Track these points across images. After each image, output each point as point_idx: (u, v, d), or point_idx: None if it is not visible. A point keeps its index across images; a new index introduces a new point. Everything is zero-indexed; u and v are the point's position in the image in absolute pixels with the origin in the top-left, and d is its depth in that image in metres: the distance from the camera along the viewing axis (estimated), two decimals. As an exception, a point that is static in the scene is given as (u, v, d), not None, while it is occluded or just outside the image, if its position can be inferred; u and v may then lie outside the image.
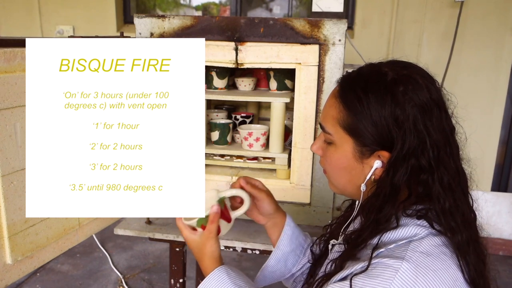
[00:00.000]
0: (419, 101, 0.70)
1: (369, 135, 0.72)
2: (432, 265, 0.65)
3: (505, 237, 3.05)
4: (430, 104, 0.71)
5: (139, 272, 2.64)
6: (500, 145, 3.06)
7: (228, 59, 1.32)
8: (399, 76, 0.73)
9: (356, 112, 0.73)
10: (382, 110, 0.70)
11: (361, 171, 0.76)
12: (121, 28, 3.16)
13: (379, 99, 0.71)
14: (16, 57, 0.89)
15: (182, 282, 1.54)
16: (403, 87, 0.71)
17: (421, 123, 0.70)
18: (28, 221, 0.95)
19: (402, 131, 0.69)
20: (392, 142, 0.71)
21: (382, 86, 0.72)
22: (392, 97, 0.70)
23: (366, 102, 0.72)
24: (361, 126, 0.72)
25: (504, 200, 3.07)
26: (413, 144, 0.69)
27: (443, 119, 0.72)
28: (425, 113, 0.70)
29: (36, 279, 2.53)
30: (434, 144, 0.70)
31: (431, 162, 0.70)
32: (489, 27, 2.79)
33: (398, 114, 0.70)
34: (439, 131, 0.71)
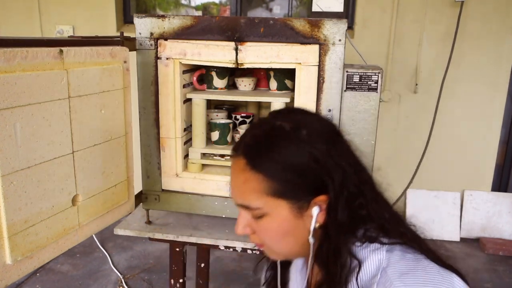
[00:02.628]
0: (324, 136, 0.72)
1: (298, 187, 0.70)
2: (421, 278, 0.65)
3: (505, 237, 3.05)
4: (332, 134, 0.74)
5: (139, 272, 2.64)
6: (501, 145, 3.06)
7: (228, 59, 1.32)
8: (294, 122, 0.72)
9: (276, 173, 0.70)
10: (299, 158, 0.69)
11: (304, 226, 0.72)
12: (121, 28, 3.16)
13: (292, 151, 0.70)
14: (16, 57, 0.89)
15: (182, 282, 1.54)
16: (305, 129, 0.71)
17: (336, 155, 0.71)
18: (28, 221, 0.95)
19: (326, 169, 0.69)
20: (323, 184, 0.70)
21: (286, 137, 0.71)
22: (302, 142, 0.70)
23: (281, 158, 0.69)
24: (287, 184, 0.70)
25: (504, 200, 3.07)
26: (339, 177, 0.70)
27: (344, 141, 0.76)
28: (333, 144, 0.72)
29: (36, 279, 2.53)
30: (352, 168, 0.72)
31: (358, 186, 0.72)
32: (489, 27, 2.79)
33: (315, 155, 0.69)
34: (348, 154, 0.74)
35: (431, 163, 2.89)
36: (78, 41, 1.12)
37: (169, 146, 1.41)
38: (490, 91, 2.91)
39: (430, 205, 3.06)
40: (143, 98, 1.38)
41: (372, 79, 1.29)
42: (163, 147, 1.42)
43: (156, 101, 1.38)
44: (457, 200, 3.08)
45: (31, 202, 0.96)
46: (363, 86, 1.29)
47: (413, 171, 2.61)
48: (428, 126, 2.71)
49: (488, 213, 3.07)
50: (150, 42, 1.34)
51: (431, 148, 2.71)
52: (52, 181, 1.01)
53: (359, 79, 1.29)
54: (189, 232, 1.44)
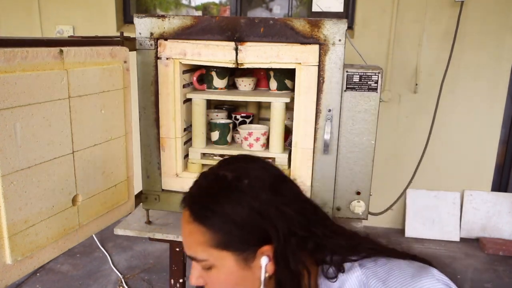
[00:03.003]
0: (266, 184, 0.71)
1: (242, 239, 0.70)
2: (401, 276, 0.66)
3: (505, 237, 3.05)
4: (276, 181, 0.73)
5: (139, 272, 2.64)
6: (501, 145, 3.06)
7: (228, 59, 1.32)
8: (237, 172, 0.73)
9: (218, 225, 0.69)
10: (241, 210, 0.69)
11: (253, 276, 0.72)
12: (121, 28, 3.16)
13: (233, 202, 0.69)
14: (16, 57, 0.89)
15: (182, 282, 1.54)
16: (247, 179, 0.71)
17: (280, 203, 0.70)
18: (28, 221, 0.95)
19: (269, 219, 0.69)
20: (267, 234, 0.69)
21: (228, 189, 0.71)
22: (243, 193, 0.70)
23: (223, 211, 0.69)
24: (230, 236, 0.69)
25: (504, 200, 3.07)
26: (285, 226, 0.69)
27: (290, 187, 0.75)
28: (277, 192, 0.71)
29: (36, 279, 2.53)
30: (300, 213, 0.72)
31: (308, 228, 0.71)
32: (489, 27, 2.79)
33: (257, 206, 0.69)
34: (295, 199, 0.74)
35: (431, 163, 2.89)
36: (78, 41, 1.12)
37: (169, 146, 1.41)
38: (490, 91, 2.91)
39: (430, 205, 3.06)
40: (143, 98, 1.38)
41: (372, 79, 1.29)
42: (163, 147, 1.42)
43: (156, 101, 1.38)
44: (457, 200, 3.08)
45: (31, 202, 0.96)
46: (363, 86, 1.29)
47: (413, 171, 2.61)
48: (428, 126, 2.71)
49: (488, 213, 3.07)
50: (150, 42, 1.34)
51: (431, 148, 2.71)
52: (52, 181, 1.01)
53: (359, 79, 1.29)
54: (189, 232, 1.44)
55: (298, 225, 0.71)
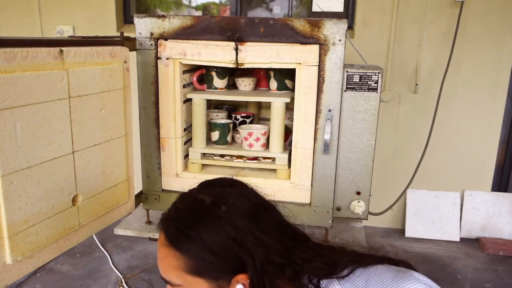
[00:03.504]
0: (244, 212, 0.69)
1: (217, 267, 0.68)
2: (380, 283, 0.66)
3: (505, 237, 3.04)
4: (255, 208, 0.71)
5: (139, 272, 2.64)
6: (501, 145, 3.05)
7: (228, 59, 1.32)
8: (215, 197, 0.70)
9: (193, 251, 0.68)
10: (217, 237, 0.67)
11: None
12: (121, 28, 3.16)
13: (208, 228, 0.67)
14: (16, 57, 0.89)
15: (182, 282, 1.54)
16: (224, 205, 0.69)
17: (257, 231, 0.68)
18: (28, 221, 0.95)
19: (246, 248, 0.67)
20: (242, 262, 0.67)
21: (204, 214, 0.69)
22: (219, 220, 0.67)
23: (198, 237, 0.67)
24: (205, 263, 0.67)
25: (504, 200, 3.07)
26: (262, 254, 0.67)
27: (270, 214, 0.72)
28: (255, 219, 0.69)
29: (36, 279, 2.53)
30: (277, 240, 0.69)
31: (285, 256, 0.69)
32: (489, 27, 2.79)
33: (233, 234, 0.67)
34: (274, 226, 0.71)
35: (431, 163, 2.89)
36: (78, 41, 1.12)
37: (169, 146, 1.41)
38: (490, 91, 2.91)
39: (430, 205, 3.06)
40: (143, 98, 1.38)
41: (372, 79, 1.29)
42: (163, 147, 1.42)
43: (156, 101, 1.38)
44: (457, 200, 3.08)
45: (31, 202, 0.96)
46: (363, 86, 1.29)
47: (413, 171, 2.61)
48: (428, 126, 2.71)
49: (488, 213, 3.07)
50: (150, 42, 1.34)
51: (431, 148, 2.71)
52: (52, 181, 1.01)
53: (359, 79, 1.29)
54: (189, 232, 1.44)
55: (276, 252, 0.69)
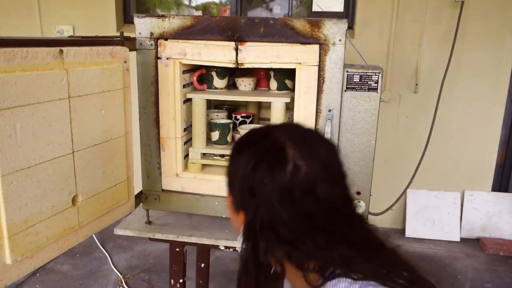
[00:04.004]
0: (281, 181, 0.65)
1: (236, 194, 0.71)
2: None
3: (505, 237, 3.04)
4: (291, 187, 0.65)
5: (139, 272, 2.64)
6: (501, 145, 3.06)
7: (228, 59, 1.32)
8: (275, 148, 0.67)
9: (231, 168, 0.73)
10: (244, 173, 0.68)
11: (238, 223, 0.73)
12: (121, 28, 3.15)
13: (246, 163, 0.68)
14: (16, 57, 0.89)
15: (182, 282, 1.54)
16: (275, 159, 0.66)
17: (273, 201, 0.65)
18: (28, 221, 0.95)
19: (255, 202, 0.66)
20: (246, 208, 0.69)
21: (255, 151, 0.68)
22: (257, 166, 0.66)
23: (237, 161, 0.70)
24: (232, 183, 0.72)
25: (504, 200, 3.07)
26: (266, 218, 0.65)
27: (309, 202, 0.65)
28: (286, 195, 0.65)
29: (36, 279, 2.53)
30: (291, 220, 0.65)
31: (298, 235, 0.65)
32: (489, 27, 2.79)
33: (253, 183, 0.66)
34: (302, 212, 0.65)
35: (431, 163, 2.89)
36: (78, 41, 1.12)
37: (169, 146, 1.41)
38: (490, 91, 2.91)
39: (430, 205, 3.06)
40: (143, 98, 1.38)
41: (372, 79, 1.29)
42: (163, 147, 1.42)
43: (156, 101, 1.38)
44: (457, 200, 3.08)
45: (31, 202, 0.96)
46: (363, 86, 1.29)
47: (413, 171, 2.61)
48: (428, 126, 2.71)
49: (488, 213, 3.07)
50: (150, 42, 1.34)
51: (431, 148, 2.71)
52: (52, 181, 1.01)
53: (359, 79, 1.29)
54: (189, 232, 1.44)
55: (284, 226, 0.65)
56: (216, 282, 2.53)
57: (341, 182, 0.69)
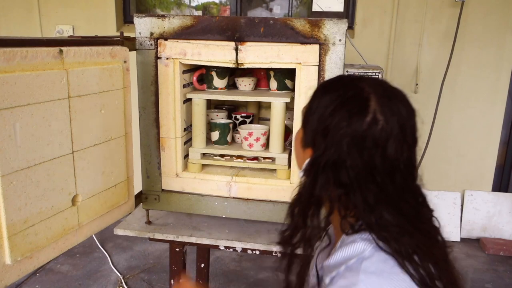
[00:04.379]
0: (356, 128, 0.67)
1: (309, 131, 0.75)
2: (385, 286, 0.64)
3: (505, 237, 3.04)
4: (364, 137, 0.67)
5: (139, 273, 2.64)
6: (501, 145, 3.05)
7: (228, 59, 1.32)
8: (359, 98, 0.70)
9: (311, 105, 0.76)
10: (323, 114, 0.71)
11: (302, 158, 0.78)
12: (121, 28, 3.15)
13: (327, 105, 0.71)
14: (16, 57, 0.89)
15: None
16: (356, 108, 0.69)
17: (344, 145, 0.68)
18: (27, 221, 0.95)
19: (325, 142, 0.70)
20: (316, 146, 0.73)
21: (339, 95, 0.71)
22: (337, 109, 0.69)
23: (319, 101, 0.73)
24: (308, 120, 0.76)
25: (504, 200, 3.07)
26: (331, 158, 0.69)
27: (376, 155, 0.68)
28: (357, 143, 0.67)
29: (35, 280, 2.53)
30: (353, 167, 0.68)
31: (351, 183, 0.68)
32: (489, 27, 2.79)
33: (330, 124, 0.69)
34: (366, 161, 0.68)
35: (431, 163, 2.89)
36: (78, 41, 1.11)
37: (169, 146, 1.41)
38: (491, 91, 2.91)
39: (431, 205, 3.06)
40: (143, 98, 1.38)
41: (373, 79, 1.29)
42: (163, 147, 1.41)
43: (156, 101, 1.38)
44: (457, 200, 3.08)
45: (31, 202, 0.95)
46: (364, 86, 1.29)
47: (413, 171, 2.61)
48: (428, 126, 2.71)
49: (488, 213, 3.07)
50: (150, 42, 1.34)
51: (431, 148, 2.71)
52: (52, 181, 1.01)
53: (359, 79, 1.29)
54: (189, 232, 1.44)
55: (346, 175, 0.68)
56: (216, 282, 2.53)
57: (411, 146, 0.71)
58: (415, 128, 0.73)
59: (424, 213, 0.75)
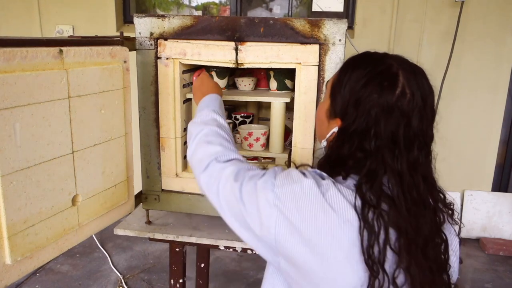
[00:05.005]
0: (387, 100, 0.74)
1: (339, 102, 0.80)
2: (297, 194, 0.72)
3: (505, 237, 3.04)
4: (393, 108, 0.74)
5: (139, 272, 2.64)
6: (501, 145, 3.06)
7: (228, 59, 1.32)
8: (389, 72, 0.76)
9: (342, 78, 0.81)
10: (355, 86, 0.78)
11: (327, 128, 0.85)
12: (121, 28, 3.16)
13: (358, 78, 0.78)
14: (16, 57, 0.89)
15: (182, 282, 1.54)
16: (387, 82, 0.75)
17: (373, 115, 0.75)
18: (27, 221, 0.95)
19: (356, 112, 0.76)
20: (347, 116, 0.79)
21: (370, 70, 0.78)
22: (369, 82, 0.76)
23: (350, 75, 0.79)
24: (338, 92, 0.81)
25: (504, 200, 3.07)
26: (360, 126, 0.76)
27: (401, 124, 0.75)
28: (386, 113, 0.74)
29: (35, 280, 2.53)
30: (379, 136, 0.75)
31: (372, 149, 0.75)
32: (489, 27, 2.79)
33: (361, 96, 0.76)
34: (390, 130, 0.74)
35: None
36: (78, 41, 1.11)
37: (169, 146, 1.41)
38: (490, 91, 2.91)
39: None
40: (143, 98, 1.38)
41: (372, 79, 1.29)
42: (163, 147, 1.41)
43: (156, 101, 1.38)
44: (457, 200, 3.08)
45: (31, 202, 0.95)
46: (363, 86, 1.29)
47: (413, 171, 2.61)
48: (428, 126, 2.70)
49: (488, 213, 3.07)
50: (150, 42, 1.34)
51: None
52: (52, 181, 1.01)
53: (359, 79, 1.29)
54: (189, 232, 1.44)
55: (369, 140, 0.75)
56: (216, 282, 2.53)
57: (430, 120, 0.78)
58: (434, 103, 0.80)
59: (433, 195, 0.78)
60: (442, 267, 0.76)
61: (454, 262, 0.82)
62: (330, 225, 0.69)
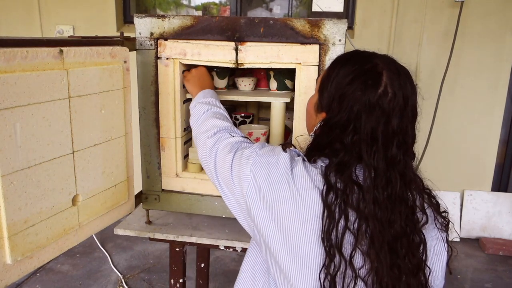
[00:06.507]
0: (369, 97, 0.77)
1: (326, 96, 0.84)
2: (271, 152, 0.84)
3: (505, 237, 3.05)
4: (374, 105, 0.77)
5: (139, 272, 2.64)
6: (501, 145, 3.06)
7: (228, 59, 1.32)
8: (374, 71, 0.79)
9: (330, 74, 0.84)
10: (341, 82, 0.81)
11: (314, 121, 0.89)
12: (121, 28, 3.16)
13: (345, 75, 0.80)
14: (16, 57, 0.89)
15: (182, 282, 1.54)
16: (371, 80, 0.78)
17: (355, 111, 0.78)
18: (28, 221, 0.95)
19: (340, 107, 0.80)
20: (331, 109, 0.82)
21: (357, 68, 0.80)
22: (355, 80, 0.79)
23: (338, 71, 0.82)
24: (326, 87, 0.84)
25: (504, 200, 3.07)
26: (342, 120, 0.79)
27: (381, 121, 0.77)
28: (368, 110, 0.77)
29: (36, 279, 2.53)
30: (357, 130, 0.77)
31: (349, 142, 0.78)
32: (489, 27, 2.79)
33: (346, 92, 0.79)
34: (371, 127, 0.77)
35: (431, 163, 2.89)
36: (78, 41, 1.12)
37: (169, 146, 1.41)
38: (490, 90, 2.91)
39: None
40: (143, 98, 1.38)
41: (372, 79, 1.29)
42: (163, 147, 1.42)
43: (156, 101, 1.38)
44: (457, 200, 3.08)
45: (31, 202, 0.96)
46: (363, 86, 1.29)
47: (413, 171, 2.61)
48: (428, 126, 2.71)
49: (488, 213, 3.07)
50: (150, 42, 1.34)
51: (431, 148, 2.71)
52: (52, 181, 1.01)
53: (359, 79, 1.29)
54: (189, 232, 1.44)
55: (350, 133, 0.78)
56: (216, 282, 2.53)
57: (411, 120, 0.80)
58: (416, 103, 0.82)
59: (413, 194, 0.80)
60: (416, 267, 0.77)
61: (437, 267, 0.83)
62: (292, 196, 0.76)
